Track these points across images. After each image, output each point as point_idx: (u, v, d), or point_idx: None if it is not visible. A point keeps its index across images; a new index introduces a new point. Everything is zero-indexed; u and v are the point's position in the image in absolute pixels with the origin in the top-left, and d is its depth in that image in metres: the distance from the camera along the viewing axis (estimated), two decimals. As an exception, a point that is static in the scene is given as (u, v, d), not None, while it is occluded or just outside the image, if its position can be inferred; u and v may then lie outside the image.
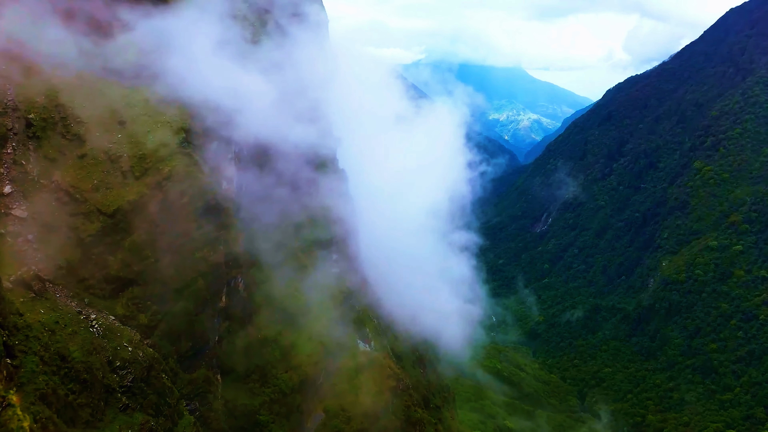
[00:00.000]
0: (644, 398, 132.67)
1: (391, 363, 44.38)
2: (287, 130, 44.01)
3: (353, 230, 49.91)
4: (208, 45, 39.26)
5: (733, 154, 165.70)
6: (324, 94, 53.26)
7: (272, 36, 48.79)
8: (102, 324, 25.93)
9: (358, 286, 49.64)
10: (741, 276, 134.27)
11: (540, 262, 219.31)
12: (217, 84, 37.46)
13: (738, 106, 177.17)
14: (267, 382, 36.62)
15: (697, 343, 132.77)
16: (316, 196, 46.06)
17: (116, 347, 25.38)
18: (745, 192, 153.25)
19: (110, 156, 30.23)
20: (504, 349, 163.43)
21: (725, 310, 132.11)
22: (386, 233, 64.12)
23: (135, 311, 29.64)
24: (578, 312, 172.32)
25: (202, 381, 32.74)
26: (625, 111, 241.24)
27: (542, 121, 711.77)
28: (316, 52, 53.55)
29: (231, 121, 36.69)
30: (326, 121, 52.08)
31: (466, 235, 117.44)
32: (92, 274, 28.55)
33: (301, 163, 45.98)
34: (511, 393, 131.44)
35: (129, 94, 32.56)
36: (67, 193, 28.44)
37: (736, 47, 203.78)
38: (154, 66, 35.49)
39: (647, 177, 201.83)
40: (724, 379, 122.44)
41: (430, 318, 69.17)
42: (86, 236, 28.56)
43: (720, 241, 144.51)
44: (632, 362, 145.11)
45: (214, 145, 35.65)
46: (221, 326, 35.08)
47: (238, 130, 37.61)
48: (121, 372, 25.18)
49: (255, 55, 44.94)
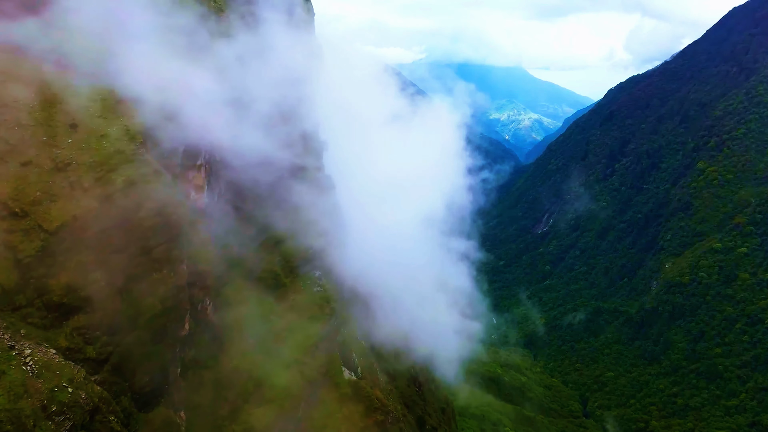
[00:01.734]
0: (647, 403, 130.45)
1: (378, 393, 40.63)
2: (265, 133, 40.58)
3: (340, 243, 46.20)
4: (171, 36, 35.52)
5: (737, 155, 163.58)
6: (309, 94, 49.69)
7: (249, 28, 45.31)
8: (38, 360, 22.34)
9: (345, 304, 46.24)
10: (746, 279, 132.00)
11: (541, 263, 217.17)
12: (183, 82, 33.97)
13: (742, 105, 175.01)
14: (237, 419, 32.15)
15: (702, 348, 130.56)
16: (298, 206, 42.38)
17: (53, 388, 21.74)
18: (750, 193, 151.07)
19: (57, 164, 26.61)
20: (504, 353, 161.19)
21: (730, 314, 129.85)
22: (380, 242, 60.72)
23: (81, 343, 25.71)
24: (580, 314, 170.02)
25: (162, 421, 28.71)
26: (627, 111, 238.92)
27: (543, 120, 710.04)
28: (299, 47, 50.20)
29: (199, 123, 33.22)
30: (311, 123, 48.92)
31: (466, 242, 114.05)
32: (31, 301, 24.86)
33: (282, 170, 42.14)
34: (512, 398, 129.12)
35: (81, 92, 29.60)
36: (4, 206, 24.71)
37: (740, 46, 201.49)
38: (110, 59, 31.61)
39: (650, 177, 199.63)
40: (729, 385, 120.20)
41: (426, 332, 66.31)
42: (24, 257, 24.94)
43: (724, 243, 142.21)
44: (635, 366, 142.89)
45: (180, 150, 32.02)
46: (186, 356, 31.27)
47: (207, 134, 34.09)
48: (58, 419, 21.33)
49: (228, 50, 41.18)
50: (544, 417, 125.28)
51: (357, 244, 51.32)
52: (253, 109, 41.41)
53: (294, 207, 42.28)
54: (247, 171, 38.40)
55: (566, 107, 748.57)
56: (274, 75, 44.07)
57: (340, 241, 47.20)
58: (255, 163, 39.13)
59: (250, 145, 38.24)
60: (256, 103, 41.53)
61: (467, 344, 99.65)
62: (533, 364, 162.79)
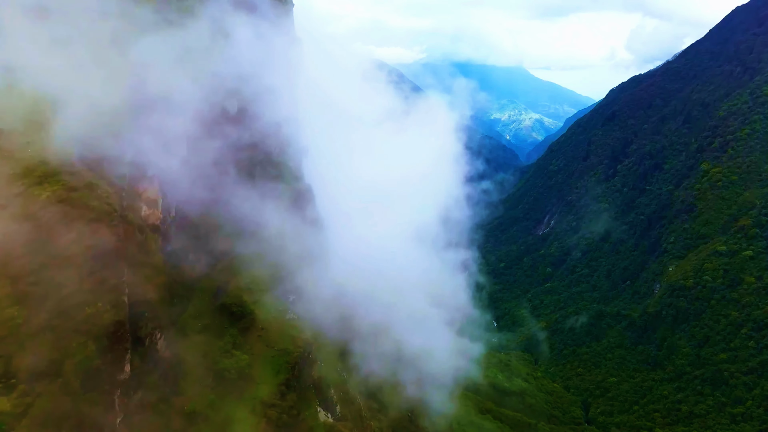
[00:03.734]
0: (651, 410, 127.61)
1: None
2: (233, 137, 36.42)
3: (321, 261, 42.00)
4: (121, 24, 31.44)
5: (742, 156, 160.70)
6: (279, 89, 45.20)
7: (212, 19, 41.03)
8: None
9: (324, 332, 41.90)
10: (752, 283, 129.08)
11: (542, 265, 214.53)
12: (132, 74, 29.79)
13: (746, 106, 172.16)
14: (192, 479, 28.07)
15: (706, 353, 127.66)
16: (270, 219, 38.07)
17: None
18: (755, 195, 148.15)
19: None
20: (505, 357, 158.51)
21: (735, 319, 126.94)
22: (369, 257, 56.58)
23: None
24: (582, 318, 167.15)
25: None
26: (629, 111, 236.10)
27: (544, 120, 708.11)
28: (275, 42, 46.14)
29: (154, 123, 29.09)
30: (288, 126, 44.69)
31: (464, 253, 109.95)
32: None
33: (253, 178, 38.11)
34: (513, 405, 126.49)
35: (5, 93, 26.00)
36: None
37: (743, 46, 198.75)
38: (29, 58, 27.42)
39: (652, 179, 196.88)
40: (735, 392, 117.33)
41: (420, 355, 62.65)
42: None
43: (729, 245, 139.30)
44: (638, 372, 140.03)
45: (129, 157, 27.96)
46: (129, 402, 26.52)
47: (163, 137, 29.85)
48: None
49: (187, 41, 36.63)
50: (545, 424, 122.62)
51: (343, 261, 46.89)
52: (222, 108, 37.03)
53: (267, 221, 37.83)
54: (215, 179, 33.90)
55: (567, 107, 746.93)
56: (250, 72, 39.91)
57: (322, 260, 42.30)
58: (225, 170, 34.85)
59: (218, 148, 33.99)
60: (227, 100, 37.46)
61: (463, 364, 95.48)
62: (534, 369, 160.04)
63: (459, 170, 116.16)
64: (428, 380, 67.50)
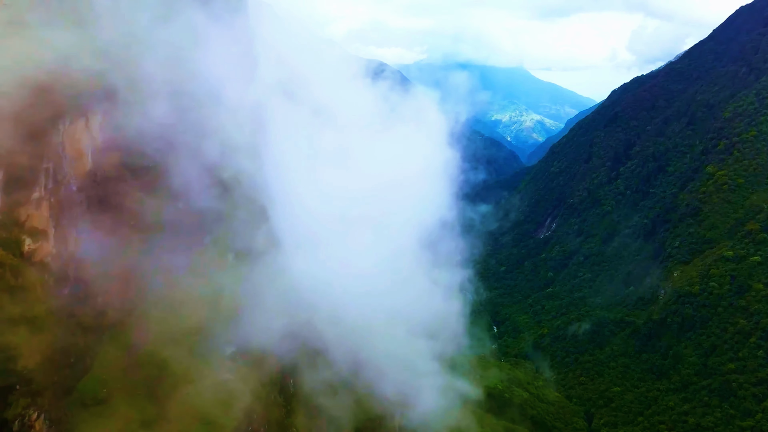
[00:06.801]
0: (656, 422, 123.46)
1: None
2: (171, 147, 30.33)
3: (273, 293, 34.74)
4: None
5: (748, 158, 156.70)
6: (248, 93, 40.57)
7: None
8: None
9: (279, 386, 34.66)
10: (760, 290, 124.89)
11: (543, 269, 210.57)
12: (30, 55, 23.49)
13: (752, 107, 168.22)
14: None
15: (714, 362, 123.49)
16: (213, 250, 31.07)
17: None
18: (762, 198, 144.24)
19: None
20: (505, 365, 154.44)
21: (743, 327, 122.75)
22: (348, 275, 51.80)
23: None
24: (584, 324, 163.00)
25: None
26: (632, 112, 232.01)
27: (545, 122, 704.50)
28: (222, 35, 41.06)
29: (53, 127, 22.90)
30: (245, 135, 39.17)
31: (460, 273, 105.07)
32: None
33: (194, 201, 31.53)
34: (513, 416, 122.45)
35: None
36: None
37: (749, 46, 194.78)
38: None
39: (656, 181, 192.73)
40: (744, 403, 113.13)
41: (409, 377, 58.69)
42: None
43: (736, 251, 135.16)
44: (643, 381, 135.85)
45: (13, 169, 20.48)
46: None
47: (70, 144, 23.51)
48: None
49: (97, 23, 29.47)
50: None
51: (310, 291, 40.55)
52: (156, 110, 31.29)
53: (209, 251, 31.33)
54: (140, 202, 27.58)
55: (568, 108, 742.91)
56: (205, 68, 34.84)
57: (275, 293, 34.90)
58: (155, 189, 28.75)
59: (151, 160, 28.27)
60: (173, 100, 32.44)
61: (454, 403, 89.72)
62: (535, 377, 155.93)
63: (456, 172, 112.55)
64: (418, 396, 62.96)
